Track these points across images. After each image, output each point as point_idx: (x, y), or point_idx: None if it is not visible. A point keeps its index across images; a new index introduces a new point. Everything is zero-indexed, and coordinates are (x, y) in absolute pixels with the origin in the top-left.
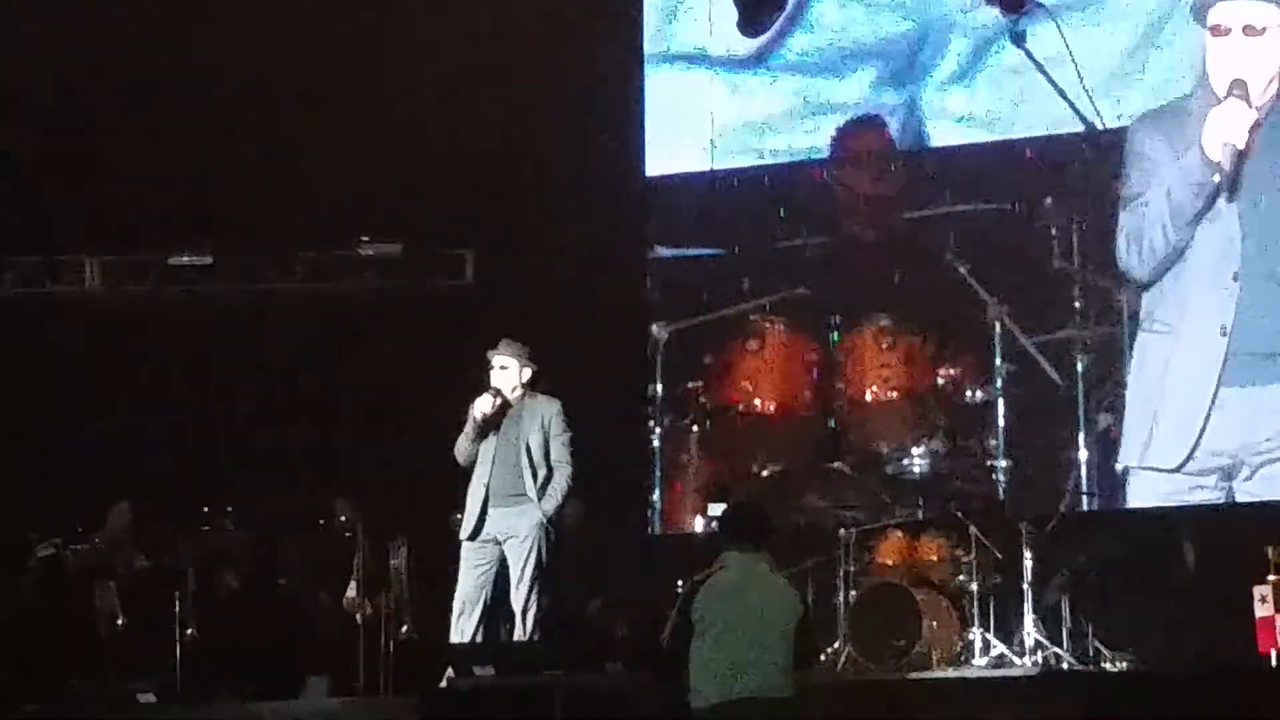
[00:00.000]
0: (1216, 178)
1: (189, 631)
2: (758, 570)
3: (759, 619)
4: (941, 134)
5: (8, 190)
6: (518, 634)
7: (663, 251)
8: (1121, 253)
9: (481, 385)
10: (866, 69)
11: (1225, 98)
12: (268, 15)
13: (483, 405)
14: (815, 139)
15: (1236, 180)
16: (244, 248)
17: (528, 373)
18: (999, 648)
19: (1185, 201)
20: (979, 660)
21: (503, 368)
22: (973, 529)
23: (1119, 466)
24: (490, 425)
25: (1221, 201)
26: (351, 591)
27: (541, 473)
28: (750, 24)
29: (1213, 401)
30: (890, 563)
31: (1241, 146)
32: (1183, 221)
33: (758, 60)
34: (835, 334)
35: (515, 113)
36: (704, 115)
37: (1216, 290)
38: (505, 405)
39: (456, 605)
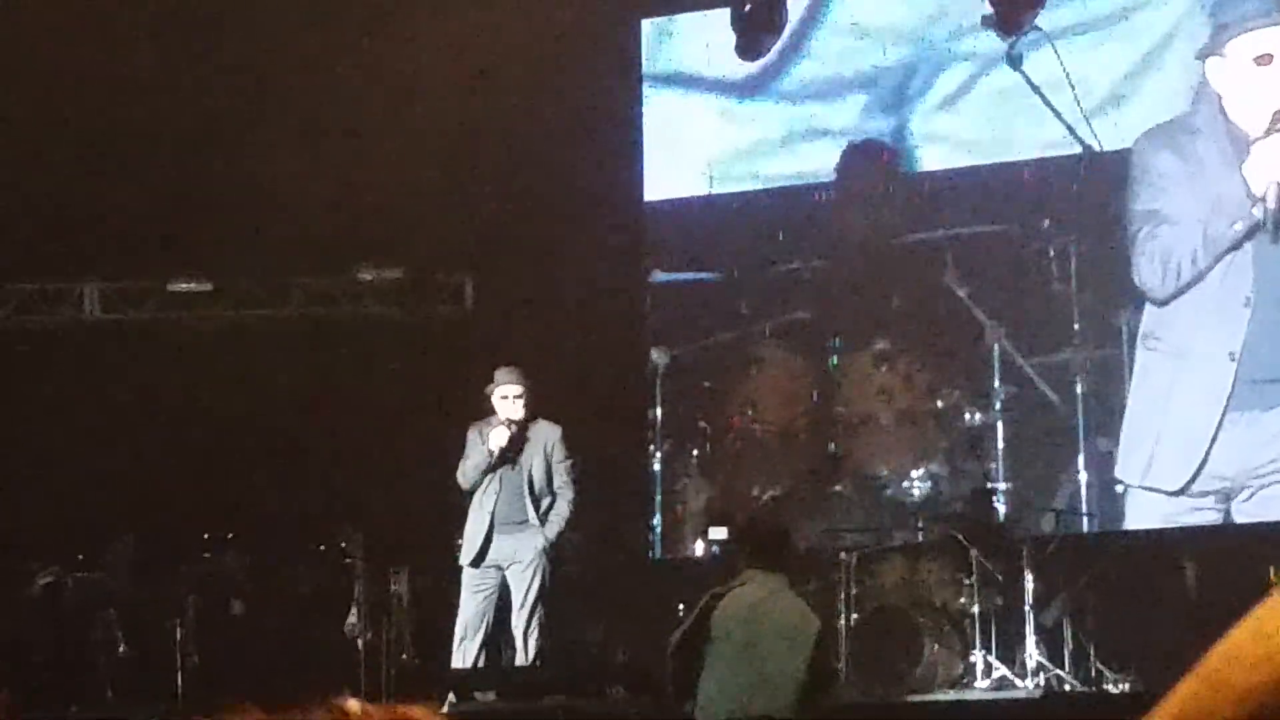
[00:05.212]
0: (1257, 211)
1: (191, 658)
2: (778, 589)
3: (777, 637)
4: (933, 158)
5: (4, 218)
6: (519, 659)
7: (661, 276)
8: (1143, 271)
9: (481, 410)
10: (858, 95)
11: (1269, 132)
12: (266, 42)
13: (499, 439)
14: (813, 163)
15: None
16: (244, 274)
17: (530, 399)
18: (1001, 670)
19: (1222, 233)
20: (981, 683)
21: (517, 396)
22: (973, 551)
23: (1119, 486)
24: (505, 458)
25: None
26: (353, 617)
27: (545, 499)
28: (748, 49)
29: (1219, 426)
30: (891, 586)
31: None
32: (1215, 251)
33: (757, 85)
34: (834, 358)
35: (513, 138)
36: (702, 139)
37: (1227, 314)
38: (521, 435)
39: (458, 630)
